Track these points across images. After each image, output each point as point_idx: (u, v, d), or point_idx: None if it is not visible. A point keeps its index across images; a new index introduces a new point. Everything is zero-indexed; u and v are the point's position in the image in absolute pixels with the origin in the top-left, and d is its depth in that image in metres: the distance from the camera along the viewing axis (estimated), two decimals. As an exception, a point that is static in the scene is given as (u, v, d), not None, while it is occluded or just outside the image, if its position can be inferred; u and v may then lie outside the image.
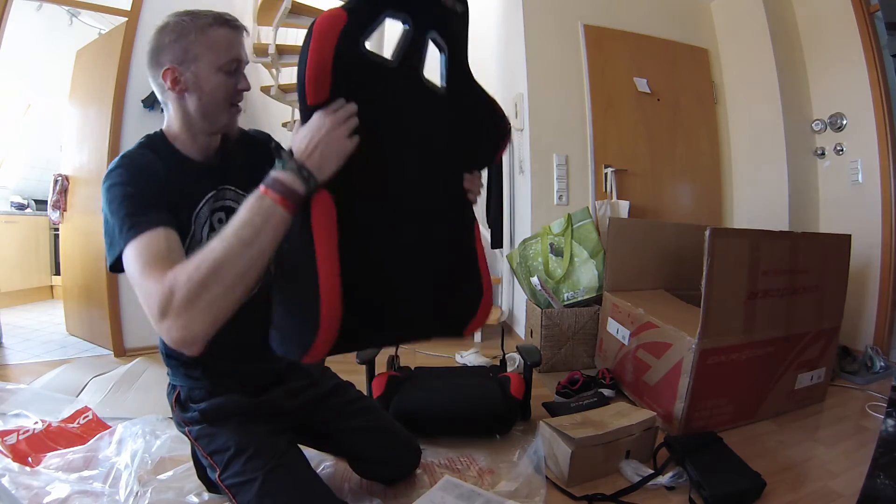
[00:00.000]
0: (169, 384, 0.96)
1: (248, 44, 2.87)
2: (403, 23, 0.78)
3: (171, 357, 0.92)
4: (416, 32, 0.78)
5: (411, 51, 0.78)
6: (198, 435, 0.89)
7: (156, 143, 0.85)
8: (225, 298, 0.59)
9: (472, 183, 0.88)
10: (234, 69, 0.84)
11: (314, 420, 1.04)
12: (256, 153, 0.95)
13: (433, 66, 0.85)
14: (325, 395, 1.08)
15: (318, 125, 0.65)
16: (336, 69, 0.66)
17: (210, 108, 0.84)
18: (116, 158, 0.79)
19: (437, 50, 0.84)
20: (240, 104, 0.88)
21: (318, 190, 0.65)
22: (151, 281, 0.62)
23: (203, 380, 0.91)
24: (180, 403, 0.93)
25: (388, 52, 0.78)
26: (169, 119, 0.87)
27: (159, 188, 0.76)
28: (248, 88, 0.87)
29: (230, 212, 0.86)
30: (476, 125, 0.90)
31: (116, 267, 0.71)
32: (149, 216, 0.70)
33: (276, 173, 0.64)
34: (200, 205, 0.87)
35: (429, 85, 0.83)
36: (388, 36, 0.99)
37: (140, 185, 0.74)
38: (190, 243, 0.83)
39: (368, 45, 0.72)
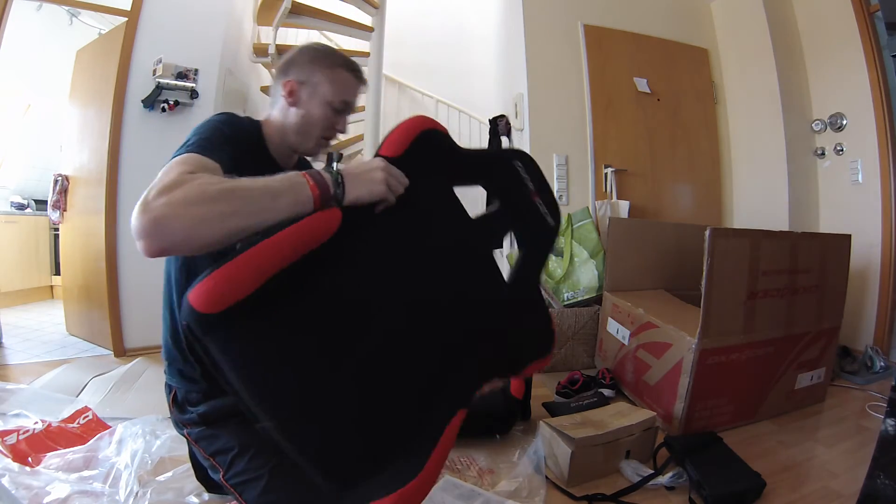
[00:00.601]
0: (166, 384, 0.96)
1: (249, 44, 2.88)
2: (497, 200, 0.85)
3: (171, 357, 0.92)
4: (503, 218, 0.85)
5: (491, 226, 0.84)
6: (198, 437, 0.89)
7: (254, 126, 0.92)
8: (213, 223, 0.56)
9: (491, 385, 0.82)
10: (340, 109, 0.93)
11: None
12: None
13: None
14: None
15: (372, 161, 0.69)
16: (421, 151, 0.72)
17: (305, 129, 0.92)
18: (230, 114, 0.86)
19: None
20: (330, 142, 0.97)
21: (341, 205, 0.65)
22: (174, 171, 0.60)
23: (200, 382, 0.91)
24: (177, 404, 0.93)
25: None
26: (271, 118, 0.94)
27: (234, 157, 0.78)
28: (343, 131, 0.96)
29: None
30: (525, 332, 0.87)
31: None
32: (218, 154, 0.72)
33: (319, 170, 0.68)
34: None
35: (490, 266, 0.83)
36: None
37: (229, 140, 0.78)
38: None
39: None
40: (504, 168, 0.87)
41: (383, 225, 0.69)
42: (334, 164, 0.68)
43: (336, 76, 0.91)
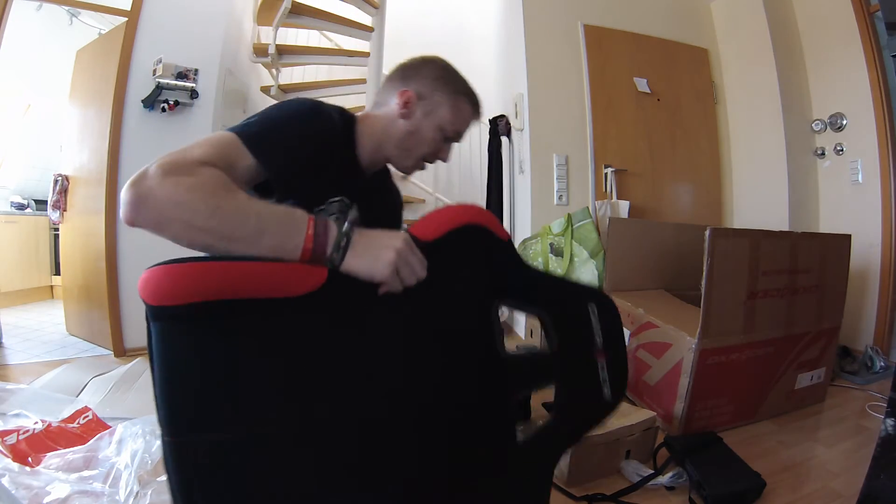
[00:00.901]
0: None
1: (249, 44, 2.87)
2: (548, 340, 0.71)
3: None
4: (542, 364, 0.73)
5: (522, 368, 0.72)
6: None
7: (344, 121, 0.82)
8: (184, 230, 0.52)
9: None
10: (450, 138, 0.88)
11: None
12: (390, 200, 0.99)
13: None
14: None
15: (395, 236, 0.59)
16: (464, 246, 0.62)
17: (409, 146, 0.86)
18: (314, 103, 0.76)
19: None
20: (425, 167, 0.91)
21: (334, 268, 0.56)
22: (197, 151, 0.58)
23: None
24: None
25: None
26: (370, 118, 0.87)
27: (308, 157, 0.71)
28: (445, 160, 0.91)
29: None
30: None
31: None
32: (266, 152, 0.66)
33: (332, 220, 0.58)
34: (334, 199, 0.83)
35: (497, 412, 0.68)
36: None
37: (298, 138, 0.70)
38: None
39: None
40: (572, 306, 0.73)
41: (379, 313, 0.58)
42: (347, 220, 0.57)
43: (458, 103, 0.86)
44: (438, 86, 0.85)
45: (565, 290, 0.78)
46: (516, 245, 2.69)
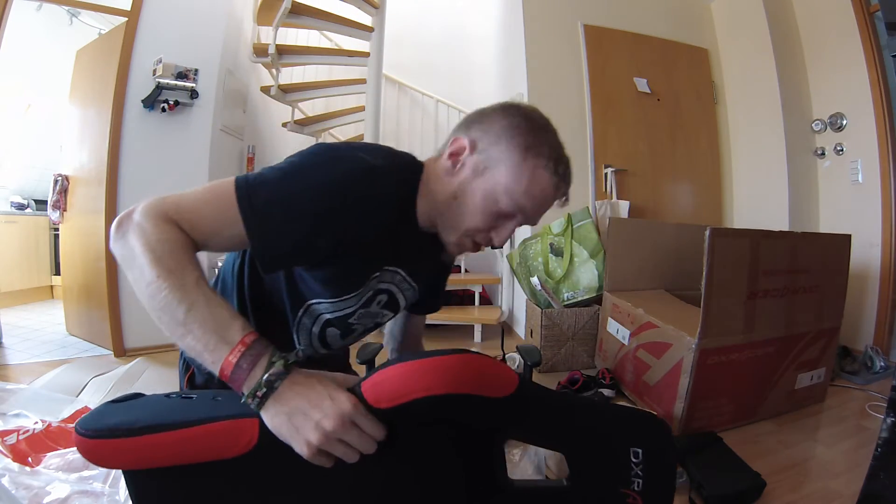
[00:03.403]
0: (183, 360, 0.85)
1: (249, 44, 2.87)
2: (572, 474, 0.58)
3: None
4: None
5: None
6: None
7: (410, 181, 0.64)
8: (136, 284, 0.50)
9: None
10: (509, 214, 0.63)
11: None
12: (443, 265, 0.83)
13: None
14: None
15: (331, 404, 0.46)
16: (425, 412, 0.48)
17: (451, 215, 0.63)
18: (364, 153, 0.58)
19: None
20: (478, 249, 0.67)
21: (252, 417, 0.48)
22: (176, 205, 0.52)
23: None
24: (194, 386, 0.82)
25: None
26: (431, 169, 0.66)
27: (340, 233, 0.57)
28: (496, 245, 0.66)
29: (390, 296, 0.73)
30: None
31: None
32: (263, 220, 0.53)
33: (268, 358, 0.48)
34: (386, 268, 0.68)
35: None
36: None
37: (325, 210, 0.55)
38: (354, 297, 0.67)
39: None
40: (603, 446, 0.58)
41: (325, 474, 0.48)
42: (270, 370, 0.46)
43: (527, 168, 0.60)
44: (505, 136, 0.61)
45: (599, 426, 0.59)
46: (516, 245, 2.67)
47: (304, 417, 0.45)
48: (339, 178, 0.55)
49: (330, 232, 0.56)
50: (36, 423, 1.39)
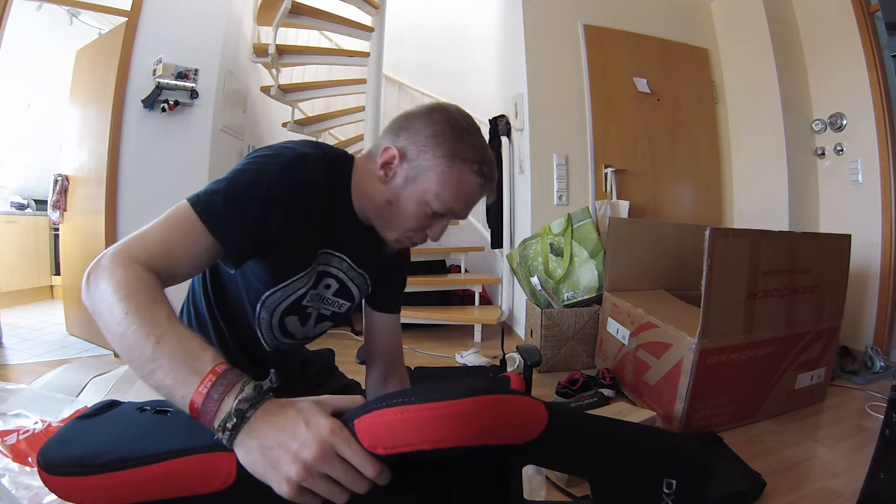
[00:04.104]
0: None
1: (249, 44, 2.87)
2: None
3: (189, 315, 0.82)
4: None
5: None
6: None
7: (339, 166, 0.71)
8: (106, 329, 0.49)
9: None
10: (440, 214, 0.69)
11: None
12: (391, 260, 0.86)
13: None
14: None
15: (311, 432, 0.40)
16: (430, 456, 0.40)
17: (387, 217, 0.70)
18: (297, 147, 0.66)
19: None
20: (417, 243, 0.74)
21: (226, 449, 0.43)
22: (141, 244, 0.54)
23: None
24: None
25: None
26: (361, 170, 0.73)
27: (283, 217, 0.62)
28: (434, 239, 0.73)
29: (340, 284, 0.78)
30: None
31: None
32: (230, 226, 0.58)
33: (241, 387, 0.43)
34: (325, 250, 0.74)
35: None
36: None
37: (275, 201, 0.61)
38: (302, 277, 0.72)
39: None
40: (630, 476, 0.53)
41: None
42: (240, 396, 0.42)
43: (454, 173, 0.66)
44: (431, 146, 0.66)
45: (633, 455, 0.53)
46: (516, 245, 2.67)
47: (281, 450, 0.40)
48: (276, 170, 0.62)
49: (275, 216, 0.62)
50: (36, 423, 1.39)
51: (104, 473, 0.43)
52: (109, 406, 0.54)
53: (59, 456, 0.45)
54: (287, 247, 0.66)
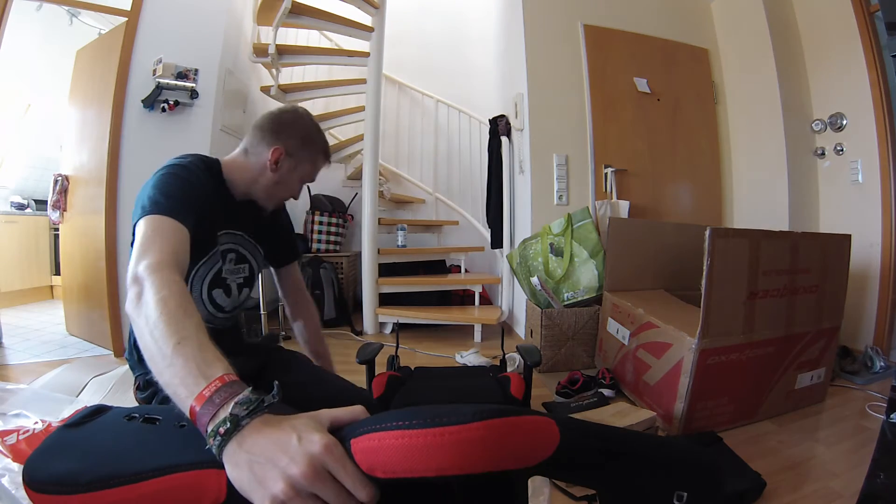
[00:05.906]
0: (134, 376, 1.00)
1: (249, 44, 2.88)
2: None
3: (134, 348, 0.94)
4: None
5: None
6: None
7: (213, 168, 0.96)
8: (140, 333, 0.54)
9: None
10: (305, 182, 1.05)
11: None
12: (274, 220, 1.12)
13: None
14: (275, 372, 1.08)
15: (301, 448, 0.38)
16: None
17: (274, 194, 1.02)
18: (179, 159, 0.89)
19: None
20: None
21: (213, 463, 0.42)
22: (135, 259, 0.63)
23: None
24: (140, 390, 0.98)
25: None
26: (238, 162, 1.01)
27: (201, 200, 0.84)
28: (296, 199, 1.09)
29: (238, 255, 1.02)
30: None
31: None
32: (185, 213, 0.75)
33: (244, 396, 0.43)
34: (224, 231, 0.98)
35: None
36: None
37: (186, 187, 0.82)
38: (212, 256, 0.95)
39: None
40: (659, 482, 0.51)
41: None
42: (235, 401, 0.42)
43: (316, 161, 1.03)
44: (304, 146, 1.00)
45: (645, 468, 0.51)
46: (516, 245, 2.67)
47: (269, 464, 0.38)
48: (186, 172, 0.85)
49: (196, 203, 0.81)
50: (36, 423, 1.39)
51: (88, 493, 0.42)
52: (96, 413, 0.53)
53: (43, 472, 0.44)
54: (199, 232, 0.82)
